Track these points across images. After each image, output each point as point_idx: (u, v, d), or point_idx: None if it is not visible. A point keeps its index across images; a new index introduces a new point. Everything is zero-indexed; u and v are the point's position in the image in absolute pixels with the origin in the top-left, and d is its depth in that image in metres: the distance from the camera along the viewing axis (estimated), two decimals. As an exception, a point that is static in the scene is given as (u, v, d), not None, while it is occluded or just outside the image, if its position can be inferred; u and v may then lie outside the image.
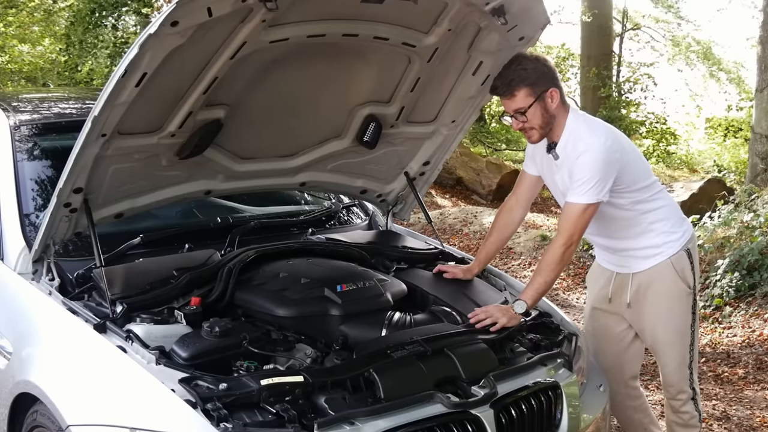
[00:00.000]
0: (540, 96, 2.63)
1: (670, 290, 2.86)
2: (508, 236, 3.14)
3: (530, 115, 2.64)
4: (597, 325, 3.06)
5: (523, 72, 2.62)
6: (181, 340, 2.29)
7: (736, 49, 32.43)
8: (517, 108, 2.65)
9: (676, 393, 2.96)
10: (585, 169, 2.62)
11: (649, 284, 2.86)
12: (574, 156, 2.65)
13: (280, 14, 2.32)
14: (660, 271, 2.85)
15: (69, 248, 2.77)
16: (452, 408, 2.19)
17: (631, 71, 15.89)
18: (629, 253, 2.87)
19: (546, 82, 2.64)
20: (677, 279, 2.85)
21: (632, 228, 2.83)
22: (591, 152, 2.62)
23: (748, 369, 4.86)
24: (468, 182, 11.91)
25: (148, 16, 11.01)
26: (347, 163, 3.28)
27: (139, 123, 2.48)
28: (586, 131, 2.68)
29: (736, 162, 13.46)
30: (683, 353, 2.91)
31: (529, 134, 2.71)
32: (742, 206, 6.91)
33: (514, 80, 2.62)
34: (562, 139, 2.70)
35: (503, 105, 2.70)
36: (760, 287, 5.63)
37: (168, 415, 2.03)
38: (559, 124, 2.70)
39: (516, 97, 2.63)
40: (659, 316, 2.89)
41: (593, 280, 3.10)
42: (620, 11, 16.64)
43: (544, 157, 2.83)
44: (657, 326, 2.91)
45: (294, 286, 2.64)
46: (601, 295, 3.00)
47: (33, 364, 2.39)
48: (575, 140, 2.67)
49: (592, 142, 2.64)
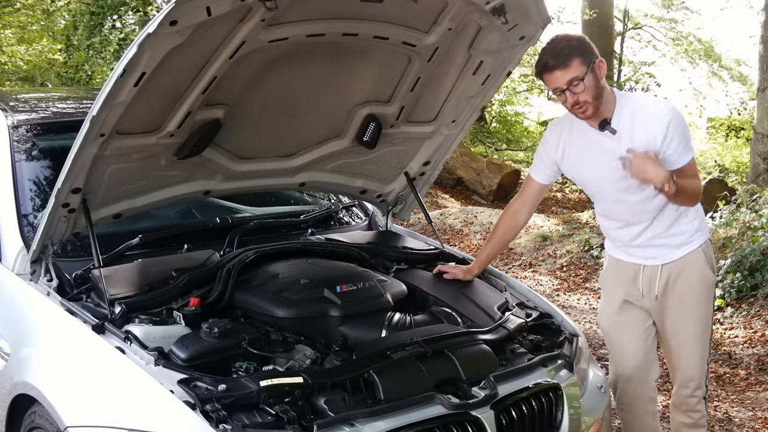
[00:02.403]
0: (590, 66, 2.58)
1: (700, 280, 2.81)
2: (510, 239, 3.11)
3: (586, 84, 2.57)
4: (624, 324, 2.92)
5: (572, 42, 2.59)
6: (180, 341, 2.28)
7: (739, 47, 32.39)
8: (574, 77, 2.56)
9: (695, 388, 2.86)
10: (679, 129, 2.62)
11: (679, 274, 2.80)
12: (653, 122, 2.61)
13: (280, 13, 2.31)
14: (691, 261, 2.80)
15: (67, 249, 2.76)
16: (452, 409, 2.18)
17: (633, 71, 15.89)
18: (661, 242, 2.80)
19: (592, 53, 2.61)
20: (707, 268, 2.82)
21: (668, 213, 2.76)
22: (675, 114, 2.64)
23: (749, 370, 4.84)
24: (468, 182, 11.90)
25: (147, 14, 11.01)
26: (347, 163, 3.27)
27: (137, 123, 2.47)
28: (653, 101, 2.72)
29: (738, 162, 13.44)
30: (705, 347, 2.85)
31: (584, 108, 2.61)
32: (744, 206, 6.90)
33: (564, 50, 2.57)
34: (619, 112, 2.65)
35: (553, 82, 2.60)
36: (762, 288, 5.62)
37: (167, 416, 2.02)
38: (608, 98, 2.65)
39: (571, 67, 2.56)
40: (687, 307, 2.82)
41: (613, 279, 2.97)
42: (621, 11, 16.64)
43: (579, 145, 2.76)
44: (683, 318, 2.83)
45: (293, 286, 2.63)
46: (632, 292, 2.89)
47: (31, 365, 2.38)
48: (649, 111, 2.65)
49: (667, 105, 2.68)
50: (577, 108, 2.62)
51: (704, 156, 15.80)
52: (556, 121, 2.93)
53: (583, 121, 2.70)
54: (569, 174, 2.90)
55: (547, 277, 7.23)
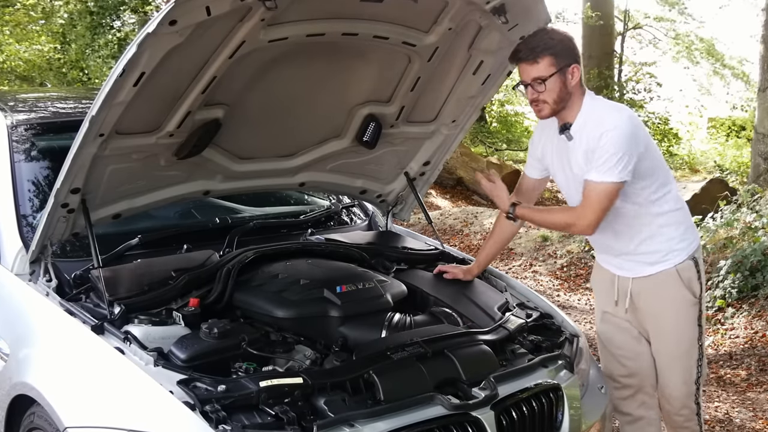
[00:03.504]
0: (561, 69, 2.55)
1: (674, 299, 2.72)
2: (508, 238, 3.09)
3: (548, 86, 2.55)
4: (612, 330, 2.87)
5: (550, 41, 2.56)
6: (180, 341, 2.27)
7: (740, 46, 32.33)
8: (538, 76, 2.55)
9: (680, 407, 2.79)
10: (610, 144, 2.50)
11: (650, 292, 2.73)
12: (596, 134, 2.55)
13: (279, 13, 2.31)
14: (663, 279, 2.71)
15: (66, 249, 2.76)
16: (453, 410, 2.17)
17: (634, 71, 15.88)
18: (631, 257, 2.74)
19: (570, 57, 2.57)
20: (682, 288, 2.71)
21: (640, 229, 2.69)
22: (618, 128, 2.52)
23: (750, 371, 4.83)
24: (468, 182, 11.90)
25: (147, 14, 11.01)
26: (347, 163, 3.27)
27: (137, 123, 2.47)
28: (611, 109, 2.62)
29: (739, 162, 13.44)
30: (689, 368, 2.76)
31: (540, 107, 2.60)
32: (745, 207, 6.89)
33: (539, 46, 2.54)
34: (579, 119, 2.61)
35: (521, 73, 2.59)
36: (762, 288, 5.61)
37: (166, 416, 2.01)
38: (574, 104, 2.61)
39: (538, 64, 2.54)
40: (664, 327, 2.74)
41: (597, 282, 2.97)
42: (621, 11, 16.62)
43: (553, 145, 2.73)
44: (662, 338, 2.76)
45: (293, 287, 2.63)
46: (608, 299, 2.86)
47: (30, 365, 2.38)
48: (598, 119, 2.57)
49: (618, 117, 2.56)
50: (534, 105, 2.62)
51: (705, 156, 15.80)
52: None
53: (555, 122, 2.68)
54: (548, 171, 2.87)
55: (547, 278, 7.23)
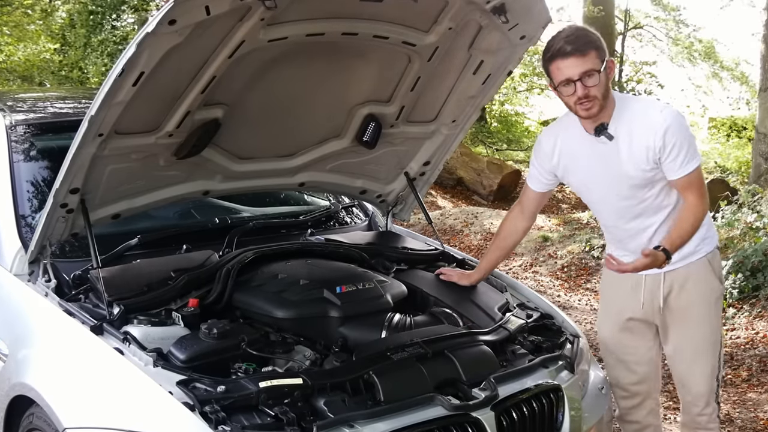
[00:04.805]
0: (605, 63, 2.47)
1: (705, 291, 2.67)
2: (511, 245, 3.01)
3: (601, 79, 2.46)
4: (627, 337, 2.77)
5: (592, 35, 2.48)
6: (179, 342, 2.27)
7: (740, 45, 32.31)
8: (590, 68, 2.42)
9: (704, 406, 2.70)
10: (678, 136, 2.47)
11: (683, 284, 2.66)
12: (651, 132, 2.47)
13: (279, 13, 2.30)
14: (696, 270, 2.65)
15: (66, 249, 2.75)
16: (453, 410, 2.17)
17: (634, 71, 15.88)
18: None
19: (606, 50, 2.50)
20: (713, 278, 2.68)
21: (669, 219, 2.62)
22: (675, 119, 2.48)
23: (751, 371, 4.83)
24: (469, 182, 11.90)
25: (148, 12, 11.01)
26: (347, 163, 3.26)
27: (136, 123, 2.46)
28: (648, 103, 2.57)
29: (740, 162, 13.43)
30: (714, 363, 2.69)
31: (590, 104, 2.46)
32: (746, 207, 6.89)
33: (583, 39, 2.45)
34: (617, 117, 2.53)
35: (564, 69, 2.44)
36: (764, 288, 5.60)
37: (165, 417, 2.01)
38: (609, 101, 2.54)
39: (588, 57, 2.43)
40: (692, 321, 2.68)
41: (614, 290, 2.82)
42: (622, 11, 16.63)
43: (585, 150, 2.62)
44: (689, 332, 2.68)
45: (293, 287, 2.62)
46: (628, 304, 2.74)
47: (29, 366, 2.37)
48: (643, 115, 2.51)
49: (667, 109, 2.52)
50: (585, 102, 2.46)
51: (706, 156, 15.80)
52: (548, 128, 2.82)
53: (576, 127, 2.60)
54: (565, 180, 2.79)
55: (547, 278, 7.22)
